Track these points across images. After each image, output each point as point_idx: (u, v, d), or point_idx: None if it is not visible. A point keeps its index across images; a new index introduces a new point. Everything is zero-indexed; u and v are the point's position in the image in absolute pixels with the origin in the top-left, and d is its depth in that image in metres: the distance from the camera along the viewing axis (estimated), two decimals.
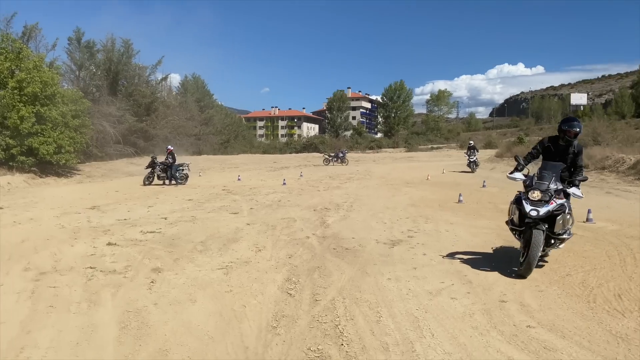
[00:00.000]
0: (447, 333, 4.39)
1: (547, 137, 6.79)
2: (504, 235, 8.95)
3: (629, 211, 11.36)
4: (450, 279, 6.16)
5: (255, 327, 4.68)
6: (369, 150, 72.39)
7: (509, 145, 40.97)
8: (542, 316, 4.75)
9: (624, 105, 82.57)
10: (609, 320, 4.60)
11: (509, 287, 5.74)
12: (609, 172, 19.96)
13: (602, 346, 4.04)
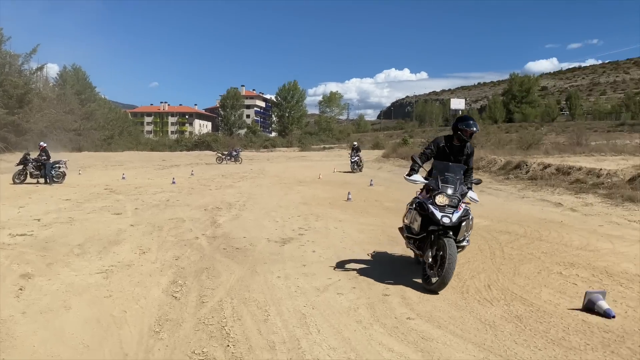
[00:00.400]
0: (332, 328, 4.49)
1: (441, 136, 6.37)
2: (389, 231, 9.37)
3: (499, 208, 12.40)
4: (337, 274, 6.32)
5: (136, 332, 4.45)
6: (263, 149, 72.31)
7: (395, 146, 43.05)
8: (421, 308, 5.03)
9: (497, 111, 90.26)
10: (479, 309, 4.98)
11: (392, 281, 6.00)
12: (483, 172, 21.66)
13: (472, 333, 4.36)
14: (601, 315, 4.70)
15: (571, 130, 44.30)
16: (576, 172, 17.04)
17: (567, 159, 23.58)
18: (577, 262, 6.84)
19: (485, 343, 4.13)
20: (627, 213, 11.05)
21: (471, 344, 4.11)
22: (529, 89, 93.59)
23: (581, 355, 3.87)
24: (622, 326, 4.45)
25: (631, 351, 3.92)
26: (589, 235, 8.67)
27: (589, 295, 4.91)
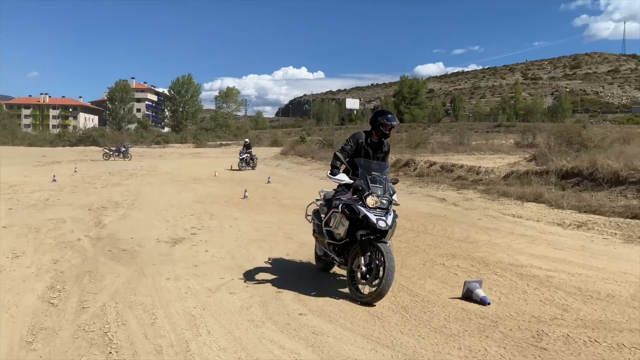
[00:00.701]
0: (223, 329, 4.39)
1: (360, 132, 5.87)
2: (286, 228, 9.40)
3: None
4: (231, 274, 6.21)
5: (5, 344, 4.05)
6: (155, 145, 69.42)
7: (293, 143, 43.34)
8: (314, 304, 5.08)
9: None
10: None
11: (286, 278, 6.01)
12: None
13: (361, 325, 4.48)
14: (478, 302, 5.06)
15: (455, 131, 47.37)
16: (458, 169, 18.24)
17: (451, 157, 25.15)
18: (458, 253, 7.30)
19: (374, 334, 4.27)
20: (502, 207, 12.00)
21: (360, 336, 4.23)
22: (417, 91, 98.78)
23: (460, 341, 4.13)
24: (495, 312, 4.82)
25: (503, 335, 4.24)
26: (469, 228, 9.30)
27: (468, 284, 5.26)
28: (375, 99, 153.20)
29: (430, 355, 3.85)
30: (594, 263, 6.63)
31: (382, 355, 3.87)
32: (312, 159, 31.09)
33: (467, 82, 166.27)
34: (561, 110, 79.38)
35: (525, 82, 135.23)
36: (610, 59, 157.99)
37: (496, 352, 3.88)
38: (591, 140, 20.12)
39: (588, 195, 11.83)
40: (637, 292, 5.36)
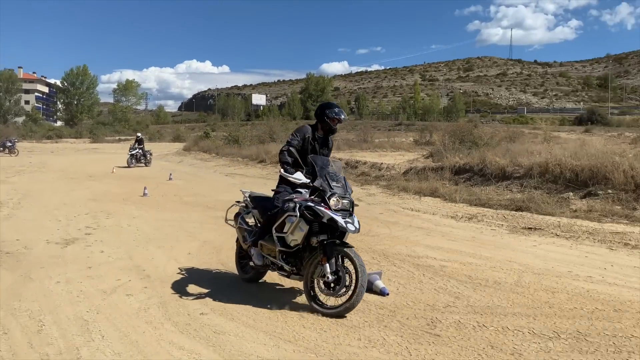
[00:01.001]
0: (118, 332, 4.18)
1: (306, 125, 5.39)
2: (187, 227, 9.14)
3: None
4: (128, 275, 5.93)
5: None
6: (46, 139, 64.46)
7: (197, 139, 42.25)
8: (216, 303, 4.99)
9: (295, 108, 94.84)
10: (271, 298, 5.12)
11: (188, 278, 5.85)
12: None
13: (264, 322, 4.47)
14: (378, 293, 5.23)
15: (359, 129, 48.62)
16: (362, 165, 18.77)
17: (356, 154, 25.80)
18: (360, 246, 7.47)
19: (276, 330, 4.27)
20: (402, 201, 12.51)
21: (262, 333, 4.21)
22: (323, 89, 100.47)
23: (360, 332, 4.24)
24: (394, 302, 5.01)
25: (400, 323, 4.42)
26: (371, 222, 9.59)
27: (368, 276, 5.41)
28: (281, 95, 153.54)
29: (331, 347, 3.92)
30: (483, 252, 7.09)
31: (285, 350, 3.89)
32: (217, 155, 30.49)
33: (370, 81, 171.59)
34: (456, 110, 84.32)
35: (423, 83, 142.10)
36: (499, 63, 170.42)
37: (394, 341, 4.04)
38: (481, 139, 21.48)
39: (478, 190, 12.65)
40: (520, 278, 5.81)
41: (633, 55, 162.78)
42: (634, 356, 3.71)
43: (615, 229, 8.30)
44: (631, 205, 9.48)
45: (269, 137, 32.29)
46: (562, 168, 11.50)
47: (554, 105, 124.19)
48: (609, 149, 14.66)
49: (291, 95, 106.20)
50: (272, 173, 20.76)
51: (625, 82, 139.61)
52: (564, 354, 3.76)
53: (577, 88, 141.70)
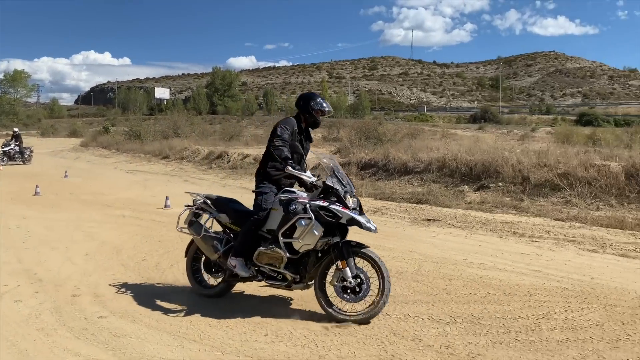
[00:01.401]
0: (6, 342, 3.86)
1: (290, 118, 4.91)
2: (84, 226, 8.64)
3: None
4: (17, 279, 5.49)
5: None
6: None
7: (95, 134, 40.02)
8: (115, 305, 4.75)
9: (201, 103, 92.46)
10: (176, 298, 4.96)
11: (84, 280, 5.52)
12: (187, 162, 21.92)
13: (168, 323, 4.32)
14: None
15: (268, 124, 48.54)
16: None
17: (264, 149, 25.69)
18: None
19: (181, 330, 4.15)
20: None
21: (166, 334, 4.08)
22: (230, 83, 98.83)
23: (267, 327, 4.23)
24: (301, 296, 5.03)
25: (308, 316, 4.47)
26: None
27: None
28: (186, 89, 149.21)
29: (238, 345, 3.88)
30: (386, 244, 7.35)
31: (189, 350, 3.79)
32: (118, 151, 29.04)
33: (278, 77, 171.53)
34: (362, 107, 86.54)
35: (330, 80, 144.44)
36: (401, 63, 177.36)
37: (300, 334, 4.07)
38: (385, 135, 22.27)
39: (382, 184, 13.11)
40: (420, 267, 6.10)
41: (521, 58, 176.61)
42: (521, 335, 4.02)
43: (505, 219, 8.97)
44: (519, 196, 10.29)
45: (173, 132, 31.26)
46: (458, 163, 12.22)
47: (451, 104, 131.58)
48: (500, 145, 15.81)
49: (197, 89, 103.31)
50: (176, 169, 20.15)
51: (514, 83, 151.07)
52: (460, 337, 4.00)
53: (472, 88, 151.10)
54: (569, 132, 26.64)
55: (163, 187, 14.10)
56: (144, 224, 8.94)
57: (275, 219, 4.53)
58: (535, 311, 4.55)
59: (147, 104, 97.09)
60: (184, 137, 29.62)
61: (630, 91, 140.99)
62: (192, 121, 38.15)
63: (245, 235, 4.62)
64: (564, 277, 5.61)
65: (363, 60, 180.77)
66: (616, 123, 51.81)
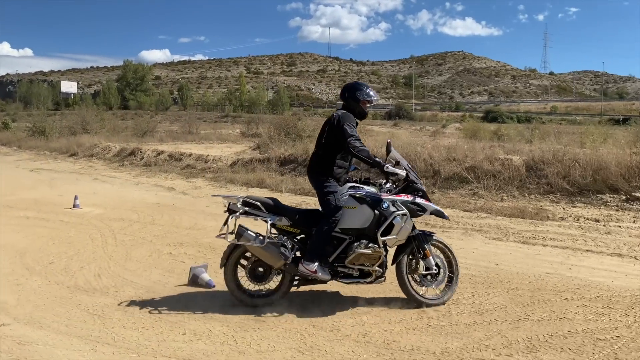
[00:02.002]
0: None
1: (345, 113, 4.67)
2: None
3: (113, 195, 12.16)
4: None
5: None
6: None
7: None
8: (19, 311, 4.46)
9: (112, 97, 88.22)
10: (87, 301, 4.75)
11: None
12: (97, 160, 20.86)
13: (79, 327, 4.12)
14: (204, 286, 5.17)
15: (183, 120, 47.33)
16: (187, 158, 18.28)
17: (180, 146, 25.01)
18: (186, 241, 7.33)
19: (93, 334, 3.97)
20: (227, 192, 12.50)
21: (77, 338, 3.89)
22: (143, 77, 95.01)
23: (185, 326, 4.16)
24: (221, 294, 4.99)
25: (226, 314, 4.44)
26: (197, 216, 9.42)
27: (193, 270, 5.33)
28: (96, 83, 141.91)
29: (154, 345, 3.78)
30: None
31: (103, 354, 3.64)
32: (20, 149, 27.05)
33: (194, 71, 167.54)
34: (281, 103, 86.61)
35: (248, 75, 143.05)
36: (319, 60, 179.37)
37: (219, 331, 4.04)
38: (305, 131, 22.46)
39: (302, 180, 13.20)
40: None
41: (432, 57, 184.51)
42: (433, 321, 4.24)
43: None
44: (430, 189, 10.76)
45: (82, 129, 29.63)
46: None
47: None
48: (413, 140, 16.44)
49: (107, 83, 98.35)
50: (85, 167, 19.14)
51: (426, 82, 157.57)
52: (376, 325, 4.15)
53: (387, 86, 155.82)
54: (476, 129, 28.25)
55: (71, 186, 13.33)
56: (50, 225, 8.43)
57: (352, 217, 4.49)
58: None
59: (52, 99, 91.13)
60: (93, 133, 28.17)
61: (530, 90, 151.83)
62: (102, 117, 36.30)
63: (323, 237, 4.46)
64: (472, 265, 5.97)
65: (281, 56, 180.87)
66: (519, 120, 55.68)
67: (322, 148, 4.68)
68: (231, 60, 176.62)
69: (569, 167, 9.88)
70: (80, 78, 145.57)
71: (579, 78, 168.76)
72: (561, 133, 20.29)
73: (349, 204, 4.50)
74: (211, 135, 34.49)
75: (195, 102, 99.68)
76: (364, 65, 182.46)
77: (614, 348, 3.69)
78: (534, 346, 3.73)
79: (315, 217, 4.59)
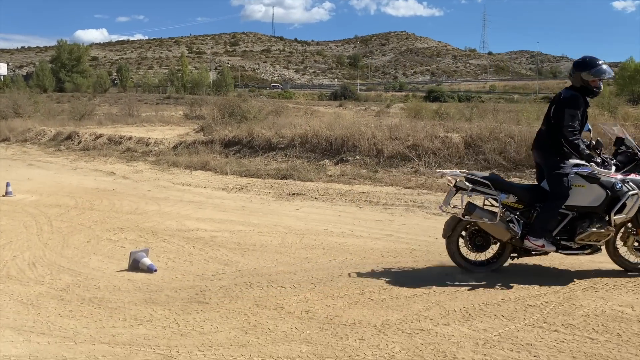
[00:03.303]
0: None
1: (575, 95, 4.65)
2: None
3: (49, 181, 11.65)
4: None
5: None
6: None
7: None
8: None
9: (46, 79, 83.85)
10: (20, 291, 4.57)
11: None
12: (31, 144, 19.91)
13: (11, 318, 3.96)
14: (145, 271, 5.08)
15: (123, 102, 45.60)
16: (127, 141, 17.73)
17: (120, 129, 24.18)
18: (127, 226, 7.15)
19: (27, 325, 3.83)
20: (172, 177, 12.24)
21: (9, 330, 3.73)
22: (79, 58, 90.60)
23: (125, 312, 4.08)
24: (162, 277, 4.93)
25: (168, 297, 4.39)
26: (139, 200, 9.18)
27: (133, 255, 5.22)
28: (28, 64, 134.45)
29: (92, 332, 3.69)
30: (251, 220, 7.42)
31: (37, 344, 3.52)
32: None
33: (133, 51, 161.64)
34: (225, 84, 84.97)
35: (190, 55, 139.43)
36: (263, 40, 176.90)
37: (161, 315, 3.99)
38: (250, 112, 22.21)
39: (247, 161, 13.12)
40: (284, 240, 6.26)
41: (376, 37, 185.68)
42: (374, 295, 4.35)
43: (362, 189, 9.51)
44: (374, 168, 10.96)
45: (14, 112, 28.11)
46: (319, 138, 12.64)
47: (313, 81, 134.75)
48: (357, 120, 16.60)
49: (40, 64, 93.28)
50: (19, 153, 18.22)
51: (370, 62, 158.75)
52: (319, 302, 4.21)
53: (332, 66, 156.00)
54: (419, 108, 28.81)
55: (3, 173, 12.66)
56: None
57: (580, 195, 4.62)
58: (387, 271, 4.94)
59: None
60: (26, 117, 26.77)
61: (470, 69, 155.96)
62: (36, 99, 34.54)
63: (551, 214, 4.65)
64: (413, 239, 6.15)
65: (224, 36, 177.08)
66: (459, 99, 57.16)
67: (551, 126, 4.74)
68: (172, 40, 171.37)
69: (505, 143, 10.29)
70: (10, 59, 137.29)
71: (515, 58, 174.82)
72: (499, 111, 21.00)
73: (577, 182, 4.63)
74: (153, 117, 33.50)
75: (135, 84, 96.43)
76: (309, 45, 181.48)
77: (542, 313, 3.91)
78: (470, 315, 3.90)
79: (539, 193, 4.80)
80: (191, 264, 5.38)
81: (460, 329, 3.67)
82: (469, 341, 3.46)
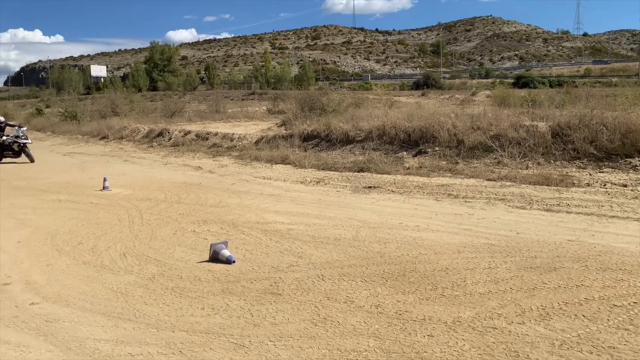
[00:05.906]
0: None
1: None
2: (16, 214, 8.33)
3: (141, 176, 12.45)
4: None
5: None
6: None
7: (28, 117, 38.14)
8: (48, 290, 4.67)
9: (140, 79, 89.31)
10: (112, 279, 4.94)
11: (15, 268, 5.37)
12: (127, 142, 21.31)
13: (103, 304, 4.30)
14: (224, 262, 5.30)
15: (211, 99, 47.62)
16: (213, 137, 18.49)
17: (208, 125, 25.29)
18: (210, 218, 7.48)
19: (115, 311, 4.14)
20: (254, 171, 12.63)
21: (100, 315, 4.06)
22: (170, 58, 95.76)
23: (204, 301, 4.28)
24: (239, 269, 5.12)
25: (244, 288, 4.55)
26: (222, 194, 9.58)
27: (214, 246, 5.46)
28: (124, 65, 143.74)
29: (173, 320, 3.92)
30: (327, 213, 7.50)
31: (124, 329, 3.80)
32: (53, 134, 27.85)
33: (220, 49, 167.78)
34: (306, 78, 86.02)
35: (273, 51, 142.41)
36: (344, 32, 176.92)
37: (237, 305, 4.15)
38: (330, 106, 22.36)
39: (325, 155, 13.24)
40: (358, 233, 6.27)
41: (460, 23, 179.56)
42: (447, 291, 4.25)
43: (441, 182, 9.29)
44: (454, 159, 10.65)
45: (112, 112, 30.25)
46: (397, 130, 12.48)
47: (395, 71, 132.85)
48: (438, 110, 16.18)
49: (135, 65, 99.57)
50: (115, 150, 19.58)
51: (454, 49, 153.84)
52: (390, 296, 4.19)
53: (414, 55, 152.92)
54: (506, 95, 27.51)
55: (101, 169, 13.71)
56: (80, 207, 8.71)
57: None
58: (462, 267, 4.81)
59: (83, 83, 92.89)
60: (123, 115, 28.70)
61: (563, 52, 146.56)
62: (131, 99, 36.91)
63: None
64: (492, 234, 5.93)
65: (306, 30, 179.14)
66: (550, 84, 53.97)
67: None
68: (256, 37, 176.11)
69: (597, 131, 9.60)
70: (109, 62, 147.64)
71: (615, 38, 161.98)
72: (594, 96, 19.61)
73: None
74: (238, 113, 34.69)
75: (222, 81, 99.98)
76: (390, 34, 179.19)
77: (630, 314, 3.65)
78: (548, 314, 3.72)
79: None
80: (267, 255, 5.54)
81: (536, 328, 3.50)
82: (545, 341, 3.30)
